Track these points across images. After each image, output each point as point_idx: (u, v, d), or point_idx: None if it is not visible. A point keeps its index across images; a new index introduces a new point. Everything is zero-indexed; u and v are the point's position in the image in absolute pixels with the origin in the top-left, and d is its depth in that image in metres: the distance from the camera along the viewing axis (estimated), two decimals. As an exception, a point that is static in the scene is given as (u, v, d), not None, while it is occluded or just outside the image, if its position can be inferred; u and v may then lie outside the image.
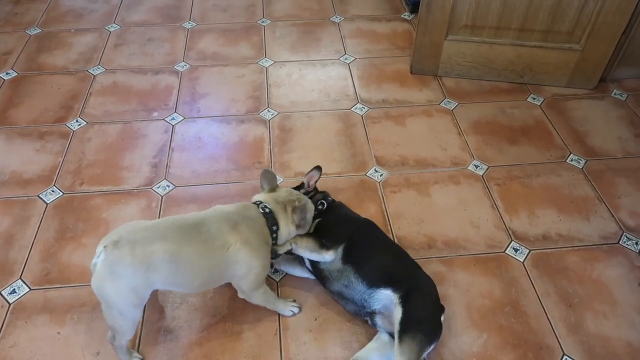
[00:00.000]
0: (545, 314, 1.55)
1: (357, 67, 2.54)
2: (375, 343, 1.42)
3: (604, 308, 1.56)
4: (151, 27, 2.80)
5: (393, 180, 1.96)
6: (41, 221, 1.78)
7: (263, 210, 1.41)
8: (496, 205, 1.87)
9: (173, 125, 2.18)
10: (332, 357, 1.44)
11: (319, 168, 1.64)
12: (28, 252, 1.69)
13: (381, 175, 1.98)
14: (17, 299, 1.56)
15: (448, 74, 2.47)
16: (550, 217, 1.83)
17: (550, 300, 1.58)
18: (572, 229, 1.79)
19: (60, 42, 2.67)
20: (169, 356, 1.43)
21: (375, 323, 1.45)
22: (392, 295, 1.39)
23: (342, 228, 1.53)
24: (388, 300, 1.40)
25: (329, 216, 1.58)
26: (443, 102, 2.33)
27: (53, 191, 1.89)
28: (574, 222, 1.81)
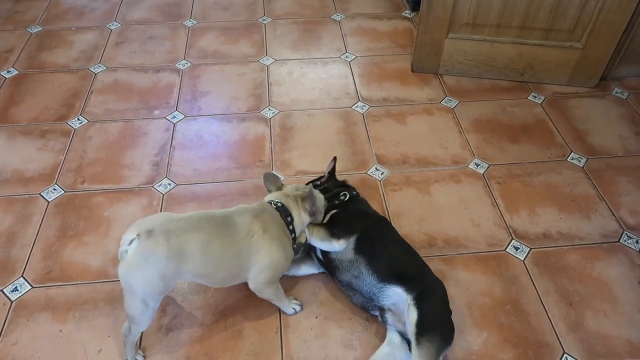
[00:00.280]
0: (546, 312, 1.55)
1: (358, 65, 2.54)
2: (388, 347, 1.42)
3: (605, 306, 1.57)
4: (152, 25, 2.80)
5: (394, 179, 1.96)
6: (43, 219, 1.79)
7: (275, 205, 1.47)
8: (497, 203, 1.88)
9: (174, 124, 2.19)
10: (333, 355, 1.44)
11: (334, 159, 1.74)
12: (30, 250, 1.69)
13: (382, 173, 1.98)
14: (19, 297, 1.56)
15: (449, 72, 2.47)
16: (550, 215, 1.83)
17: (551, 298, 1.59)
18: (573, 227, 1.80)
19: (61, 40, 2.67)
20: (170, 354, 1.44)
21: (385, 320, 1.44)
22: (403, 294, 1.39)
23: (356, 220, 1.56)
24: (398, 299, 1.40)
25: (346, 209, 1.61)
26: (444, 101, 2.33)
27: (54, 189, 1.89)
28: (575, 221, 1.82)
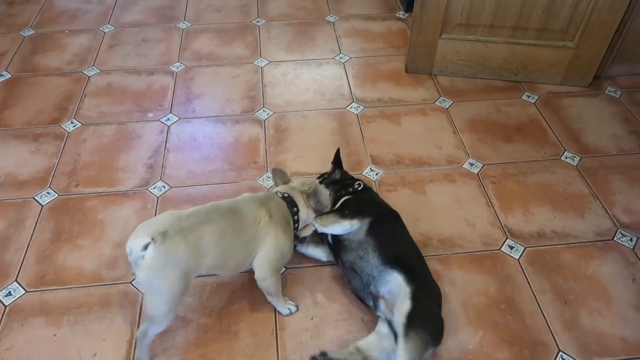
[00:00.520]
0: (541, 310, 1.56)
1: (352, 66, 2.54)
2: (375, 336, 1.43)
3: (599, 305, 1.57)
4: (145, 27, 2.79)
5: (388, 179, 1.96)
6: (36, 223, 1.78)
7: (282, 195, 1.52)
8: (491, 203, 1.88)
9: (168, 126, 2.18)
10: (328, 356, 1.44)
11: (337, 150, 1.79)
12: (23, 254, 1.68)
13: (377, 174, 1.99)
14: (13, 301, 1.55)
15: (443, 72, 2.47)
16: (545, 214, 1.84)
17: (546, 297, 1.59)
18: (567, 226, 1.80)
19: (55, 43, 2.66)
20: (166, 356, 1.43)
21: (377, 307, 1.45)
22: (403, 283, 1.39)
23: (370, 206, 1.59)
24: (396, 287, 1.40)
25: (361, 196, 1.63)
26: (438, 101, 2.34)
27: (48, 193, 1.88)
28: (569, 219, 1.82)
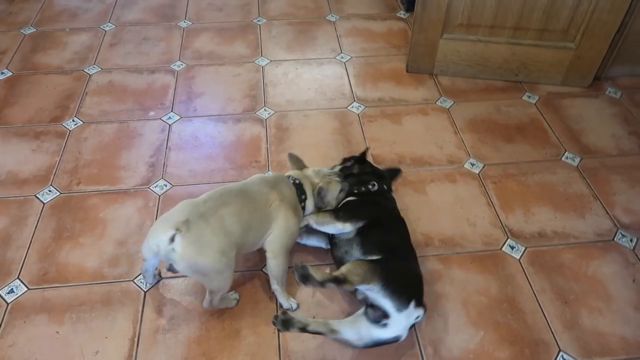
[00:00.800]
0: (541, 310, 1.56)
1: (353, 65, 2.55)
2: (352, 317, 1.42)
3: (599, 304, 1.58)
4: (146, 26, 2.79)
5: (390, 179, 1.97)
6: (38, 221, 1.78)
7: (293, 181, 1.57)
8: (492, 203, 1.89)
9: (169, 125, 2.18)
10: (330, 355, 1.45)
11: (367, 148, 1.82)
12: (25, 252, 1.69)
13: (378, 173, 1.99)
14: (15, 299, 1.56)
15: (444, 72, 2.48)
16: (545, 214, 1.85)
17: (546, 297, 1.60)
18: (568, 226, 1.81)
19: (55, 42, 2.66)
20: (168, 355, 1.44)
21: (356, 291, 1.44)
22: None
23: (366, 209, 1.58)
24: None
25: (364, 198, 1.63)
26: (439, 101, 2.34)
27: (50, 191, 1.89)
28: (570, 220, 1.83)
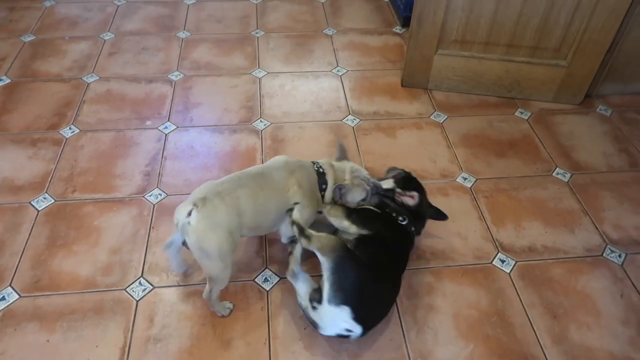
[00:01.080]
0: (531, 324, 1.58)
1: (349, 79, 2.58)
2: (310, 279, 1.51)
3: (588, 319, 1.60)
4: (146, 36, 2.82)
5: (383, 192, 1.98)
6: (32, 228, 1.79)
7: (317, 168, 1.61)
8: (484, 217, 1.91)
9: (166, 134, 2.20)
10: (321, 366, 1.45)
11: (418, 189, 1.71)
12: (18, 259, 1.69)
13: (371, 186, 2.01)
14: (7, 306, 1.56)
15: (438, 87, 2.51)
16: (536, 229, 1.87)
17: (536, 311, 1.61)
18: (558, 241, 1.83)
19: (55, 50, 2.68)
20: (159, 364, 1.44)
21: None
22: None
23: (379, 224, 1.58)
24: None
25: (386, 217, 1.61)
26: (433, 115, 2.37)
27: (45, 198, 1.89)
28: (560, 235, 1.85)
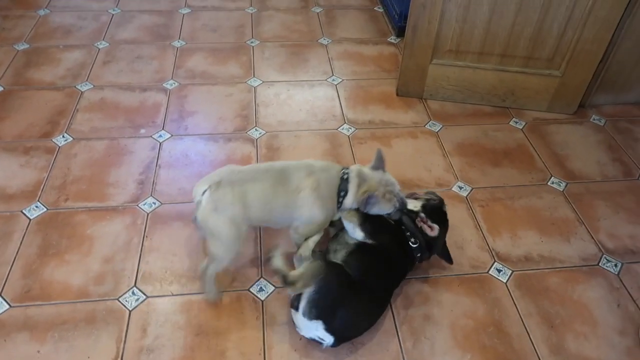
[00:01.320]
0: (528, 334, 1.57)
1: (344, 88, 2.58)
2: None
3: (585, 329, 1.59)
4: (140, 44, 2.82)
5: (379, 200, 1.98)
6: (24, 237, 1.76)
7: (342, 175, 1.57)
8: (479, 226, 1.90)
9: (160, 143, 2.19)
10: (316, 377, 1.43)
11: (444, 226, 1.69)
12: (9, 268, 1.66)
13: (367, 195, 2.00)
14: (-3, 317, 1.53)
15: (433, 96, 2.52)
16: (532, 238, 1.87)
17: (533, 320, 1.61)
18: (553, 250, 1.83)
19: (48, 58, 2.67)
20: (152, 376, 1.42)
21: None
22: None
23: (389, 238, 1.58)
24: None
25: (397, 232, 1.61)
26: (428, 124, 2.38)
27: (37, 207, 1.87)
28: (555, 244, 1.85)
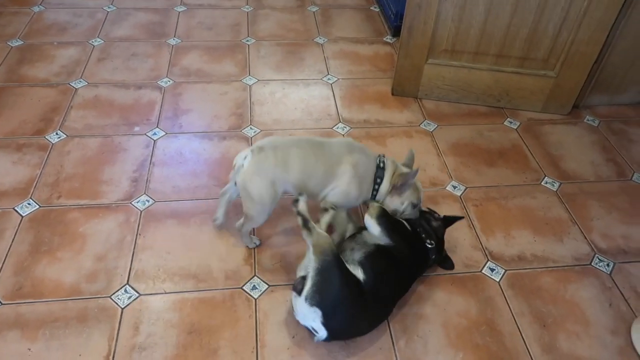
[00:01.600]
0: (520, 333, 1.57)
1: (340, 87, 2.58)
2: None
3: (577, 328, 1.59)
4: (135, 42, 2.80)
5: (373, 199, 1.98)
6: (15, 234, 1.75)
7: (379, 162, 1.64)
8: (473, 225, 1.91)
9: (154, 140, 2.18)
10: (309, 375, 1.43)
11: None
12: (1, 265, 1.65)
13: (361, 194, 2.00)
14: (-13, 314, 1.52)
15: (428, 96, 2.52)
16: (525, 238, 1.87)
17: (525, 320, 1.61)
18: (547, 250, 1.83)
19: (43, 55, 2.65)
20: (143, 374, 1.41)
21: None
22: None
23: (403, 240, 1.57)
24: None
25: (414, 237, 1.62)
26: (423, 124, 2.38)
27: (29, 204, 1.86)
28: (548, 243, 1.86)
